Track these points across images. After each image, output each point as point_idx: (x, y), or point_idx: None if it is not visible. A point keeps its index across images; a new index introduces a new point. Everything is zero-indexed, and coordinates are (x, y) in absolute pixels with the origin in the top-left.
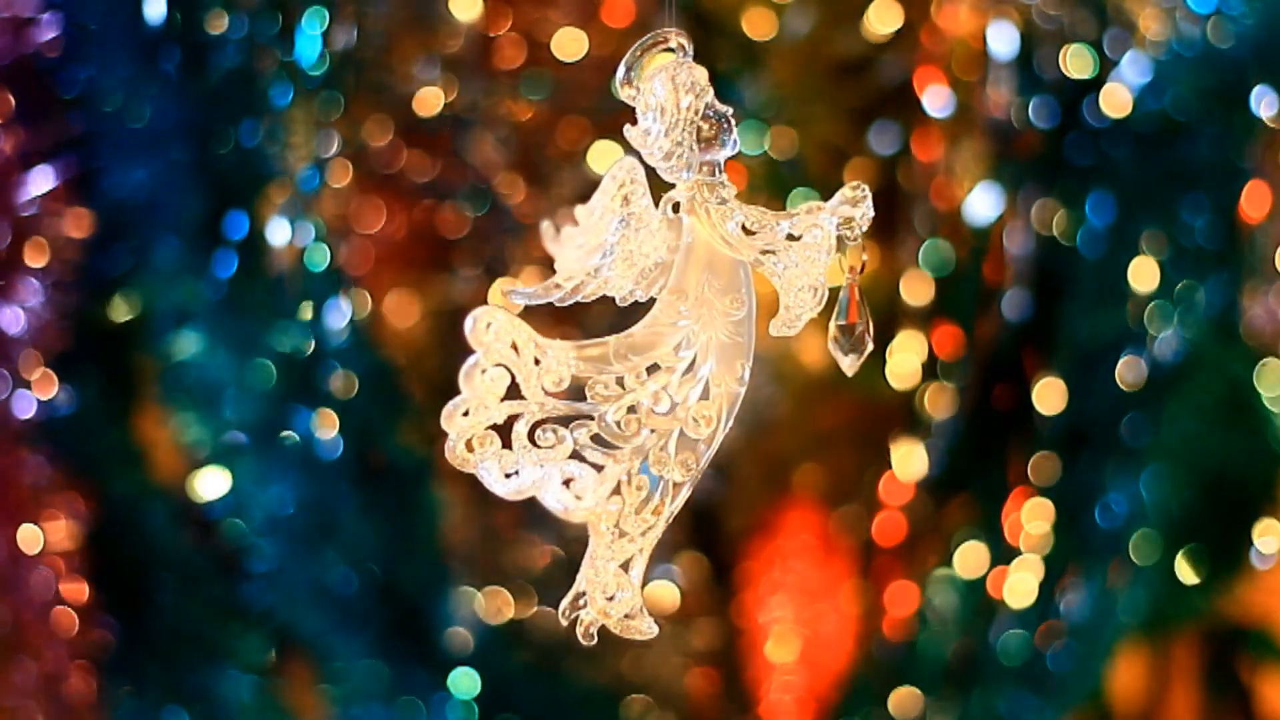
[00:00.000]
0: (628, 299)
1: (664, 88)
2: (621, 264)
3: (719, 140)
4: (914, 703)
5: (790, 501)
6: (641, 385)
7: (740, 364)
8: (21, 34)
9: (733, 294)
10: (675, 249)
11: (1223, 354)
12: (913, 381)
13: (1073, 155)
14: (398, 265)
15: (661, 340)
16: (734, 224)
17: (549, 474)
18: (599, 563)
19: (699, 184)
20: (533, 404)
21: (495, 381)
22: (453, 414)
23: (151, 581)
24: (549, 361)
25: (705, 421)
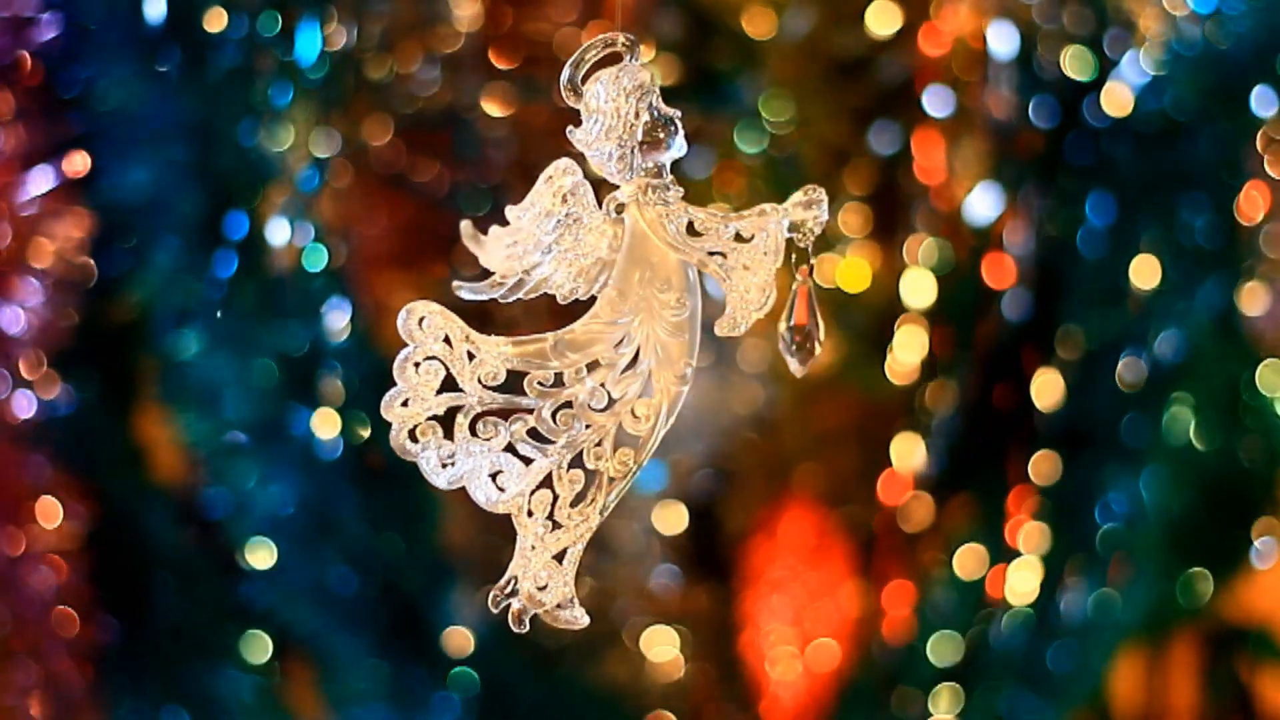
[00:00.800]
0: (569, 297)
1: (606, 91)
2: (561, 262)
3: (664, 142)
4: (914, 703)
5: (790, 501)
6: (579, 381)
7: (683, 363)
8: (21, 34)
9: (675, 293)
10: (617, 248)
11: (1223, 354)
12: (913, 380)
13: (1073, 155)
14: (398, 265)
15: (601, 337)
16: (680, 224)
17: (478, 466)
18: (528, 553)
19: (642, 185)
20: (471, 397)
21: (429, 374)
22: (391, 404)
23: (151, 581)
24: (482, 356)
25: (644, 418)
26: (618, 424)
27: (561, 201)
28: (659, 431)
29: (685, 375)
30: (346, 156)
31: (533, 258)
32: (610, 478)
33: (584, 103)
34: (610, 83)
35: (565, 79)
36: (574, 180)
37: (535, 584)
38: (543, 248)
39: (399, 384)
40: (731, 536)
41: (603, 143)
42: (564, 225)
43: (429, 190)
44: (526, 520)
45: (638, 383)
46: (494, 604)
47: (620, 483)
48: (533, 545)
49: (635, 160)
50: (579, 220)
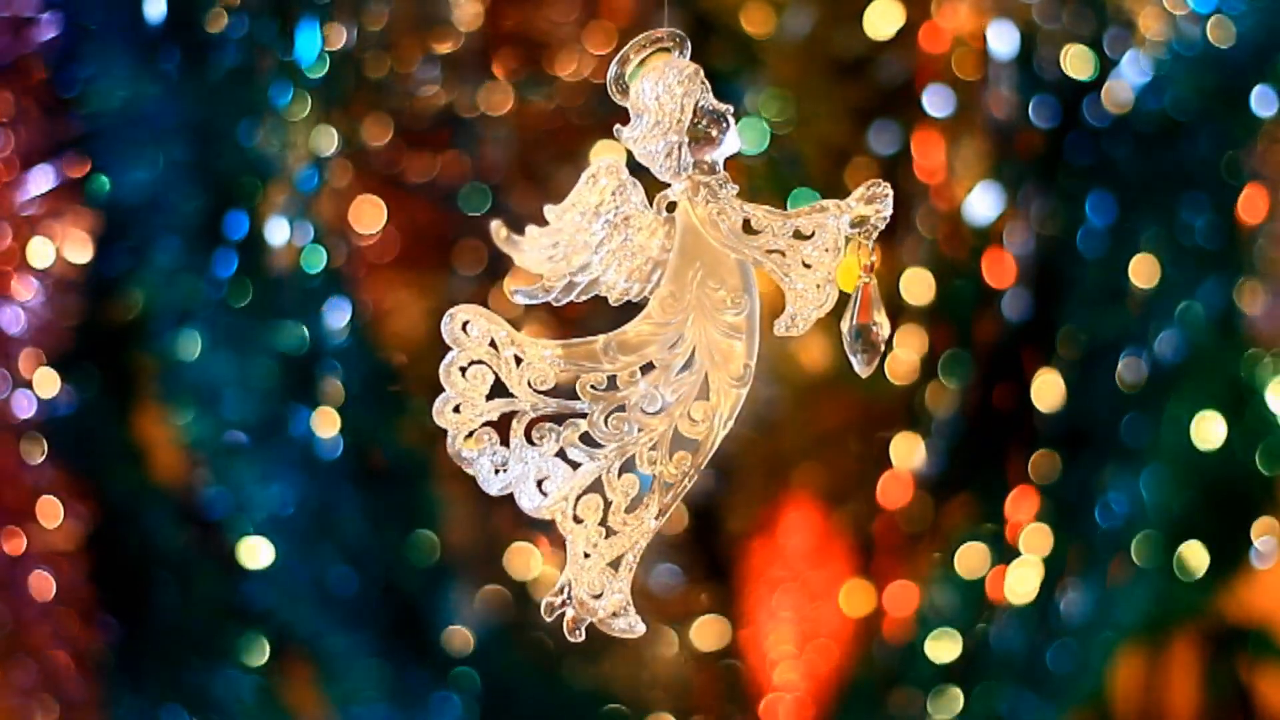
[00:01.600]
0: (621, 297)
1: (656, 87)
2: (611, 262)
3: (715, 138)
4: (914, 702)
5: (790, 501)
6: (633, 384)
7: (742, 363)
8: (21, 34)
9: (730, 293)
10: (669, 248)
11: (1223, 354)
12: (912, 380)
13: (1073, 155)
14: (398, 265)
15: (654, 339)
16: (735, 222)
17: (525, 472)
18: (580, 560)
19: (694, 182)
20: (524, 402)
21: (477, 379)
22: (443, 409)
23: (151, 581)
24: (529, 359)
25: (701, 421)
26: (672, 427)
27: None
28: (718, 434)
29: (744, 377)
30: (346, 156)
31: (580, 258)
32: (666, 482)
33: (631, 100)
34: (657, 78)
35: (612, 76)
36: (618, 180)
37: (590, 592)
38: (591, 248)
39: (446, 389)
40: (731, 536)
41: (652, 140)
42: (611, 225)
43: (429, 190)
44: (573, 526)
45: (694, 385)
46: (549, 612)
47: (677, 487)
48: (586, 553)
49: (685, 157)
50: (627, 220)
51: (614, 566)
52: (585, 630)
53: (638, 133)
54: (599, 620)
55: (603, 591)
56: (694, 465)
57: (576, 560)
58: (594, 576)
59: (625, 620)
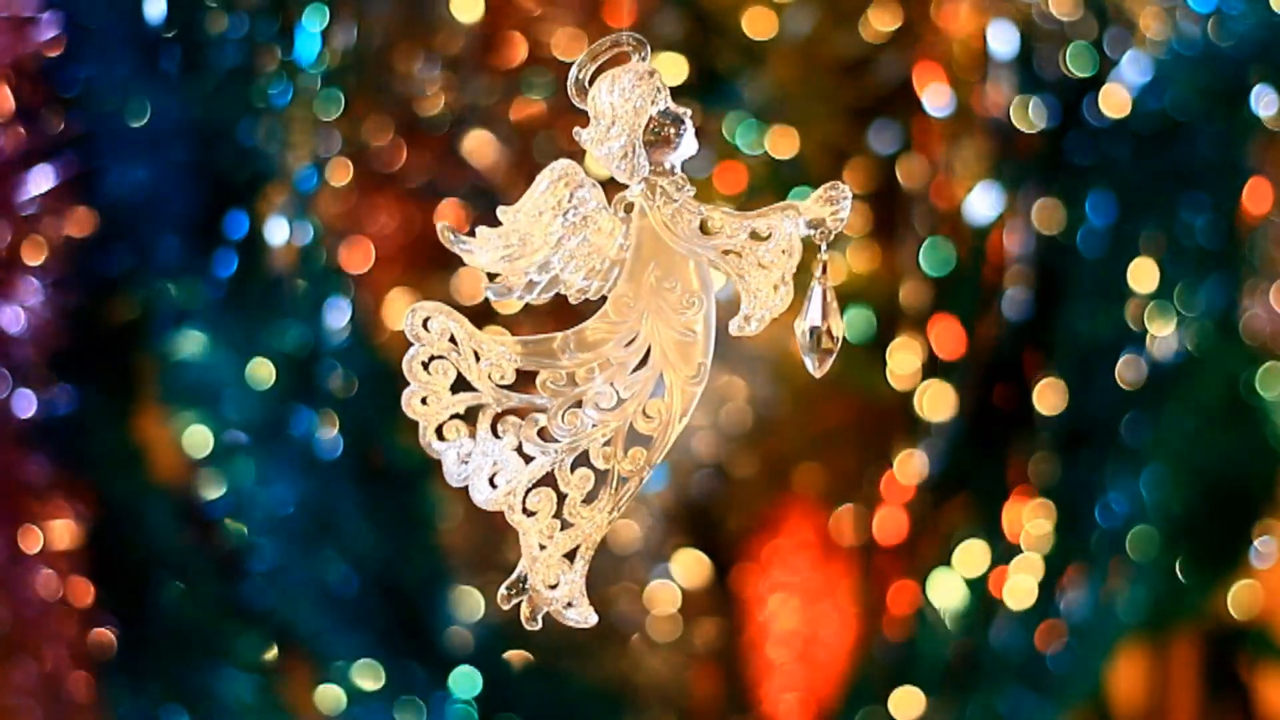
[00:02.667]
0: (580, 296)
1: (612, 90)
2: (570, 262)
3: (672, 141)
4: (914, 703)
5: (790, 501)
6: (590, 380)
7: (697, 362)
8: (21, 33)
9: (686, 293)
10: (627, 248)
11: (1223, 354)
12: (913, 381)
13: (1073, 155)
14: (398, 265)
15: (610, 337)
16: (691, 223)
17: (480, 464)
18: (536, 551)
19: (651, 184)
20: (487, 396)
21: (440, 373)
22: (409, 401)
23: (151, 581)
24: (487, 355)
25: (656, 418)
26: (627, 423)
27: (562, 203)
28: (673, 431)
29: (699, 375)
30: (346, 156)
31: (539, 258)
32: (621, 477)
33: (589, 102)
34: (615, 81)
35: (573, 79)
36: (576, 180)
37: (545, 582)
38: (549, 247)
39: (411, 383)
40: (731, 536)
41: (609, 142)
42: (570, 225)
43: (429, 189)
44: (523, 519)
45: (649, 382)
46: (503, 601)
47: (632, 482)
48: (541, 545)
49: (642, 159)
50: (585, 220)
51: (569, 558)
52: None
53: (596, 135)
54: (553, 610)
55: (558, 582)
56: (648, 461)
57: (531, 552)
58: (549, 568)
59: (578, 611)
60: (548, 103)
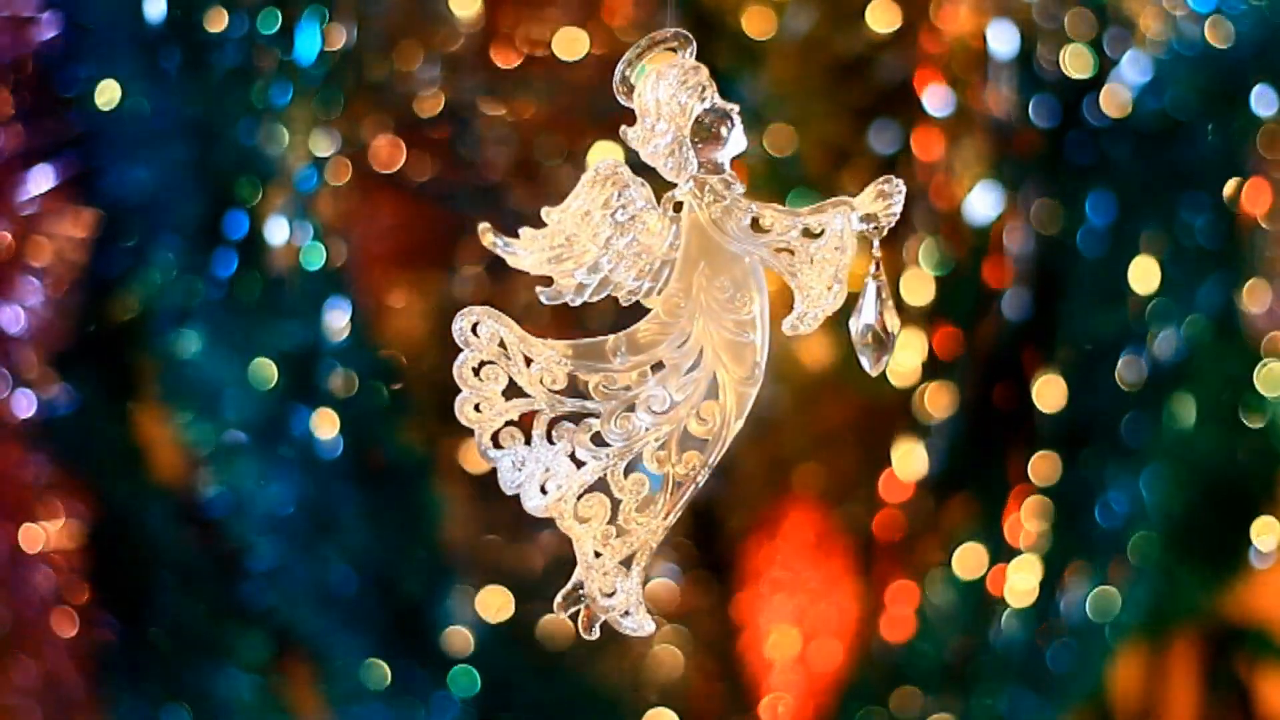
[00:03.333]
0: (631, 297)
1: (659, 86)
2: (621, 262)
3: (720, 137)
4: (914, 702)
5: (790, 500)
6: (642, 384)
7: (751, 363)
8: (21, 33)
9: (738, 291)
10: (677, 247)
11: (1223, 354)
12: (913, 381)
13: (1073, 154)
14: (398, 265)
15: (661, 338)
16: (742, 221)
17: (532, 471)
18: (591, 559)
19: (700, 182)
20: (541, 402)
21: (491, 379)
22: (462, 407)
23: (151, 581)
24: (540, 360)
25: (710, 420)
26: (681, 427)
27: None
28: (728, 433)
29: (753, 376)
30: (346, 156)
31: (588, 259)
32: (676, 482)
33: (635, 100)
34: (660, 78)
35: (618, 77)
36: (624, 180)
37: (602, 590)
38: (598, 249)
39: (463, 389)
40: (731, 536)
41: (656, 140)
42: (619, 225)
43: (429, 190)
44: (575, 526)
45: (702, 384)
46: (560, 610)
47: (687, 486)
48: (597, 552)
49: (690, 156)
50: (634, 219)
51: (625, 565)
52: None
53: (643, 133)
54: (609, 619)
55: (615, 590)
56: (703, 464)
57: (587, 559)
58: (605, 576)
59: (634, 619)
60: (548, 102)
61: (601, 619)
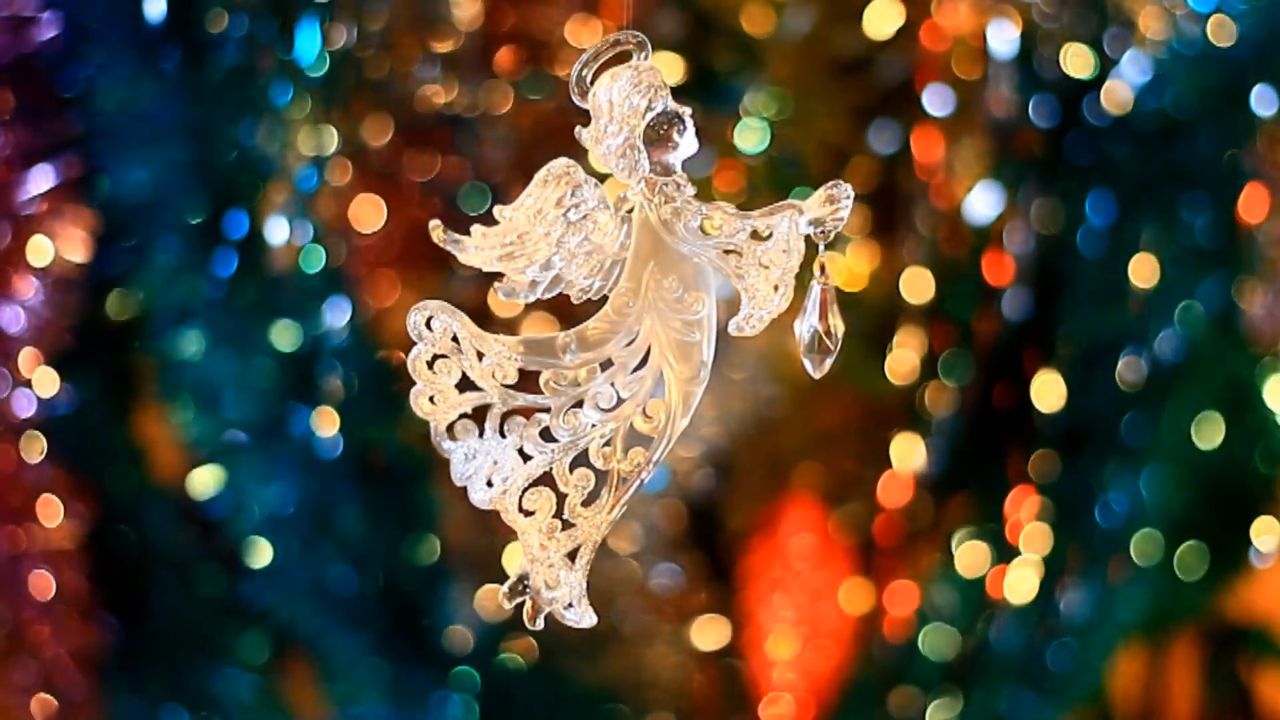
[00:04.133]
0: (582, 295)
1: (612, 89)
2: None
3: (672, 140)
4: (914, 702)
5: (790, 500)
6: (592, 380)
7: (698, 362)
8: (21, 33)
9: (686, 292)
10: (628, 247)
11: (1223, 354)
12: (913, 380)
13: (1073, 154)
14: (398, 265)
15: (610, 336)
16: (692, 222)
17: (480, 464)
18: (536, 551)
19: (651, 184)
20: (493, 395)
21: (444, 372)
22: (417, 399)
23: (151, 581)
24: (491, 355)
25: (655, 418)
26: (627, 423)
27: (562, 202)
28: (673, 431)
29: (699, 375)
30: (346, 156)
31: (541, 256)
32: (621, 478)
33: (590, 101)
34: (615, 80)
35: (574, 78)
36: (577, 179)
37: (547, 583)
38: (551, 247)
39: (417, 382)
40: (732, 536)
41: (609, 141)
42: (571, 224)
43: (429, 190)
44: (520, 519)
45: (649, 382)
46: (505, 601)
47: (633, 482)
48: (541, 545)
49: (642, 158)
50: (586, 218)
51: (570, 558)
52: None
53: (597, 134)
54: (554, 611)
55: (559, 583)
56: (648, 461)
57: (532, 552)
58: (550, 569)
59: (577, 612)
60: (548, 102)
61: (545, 610)
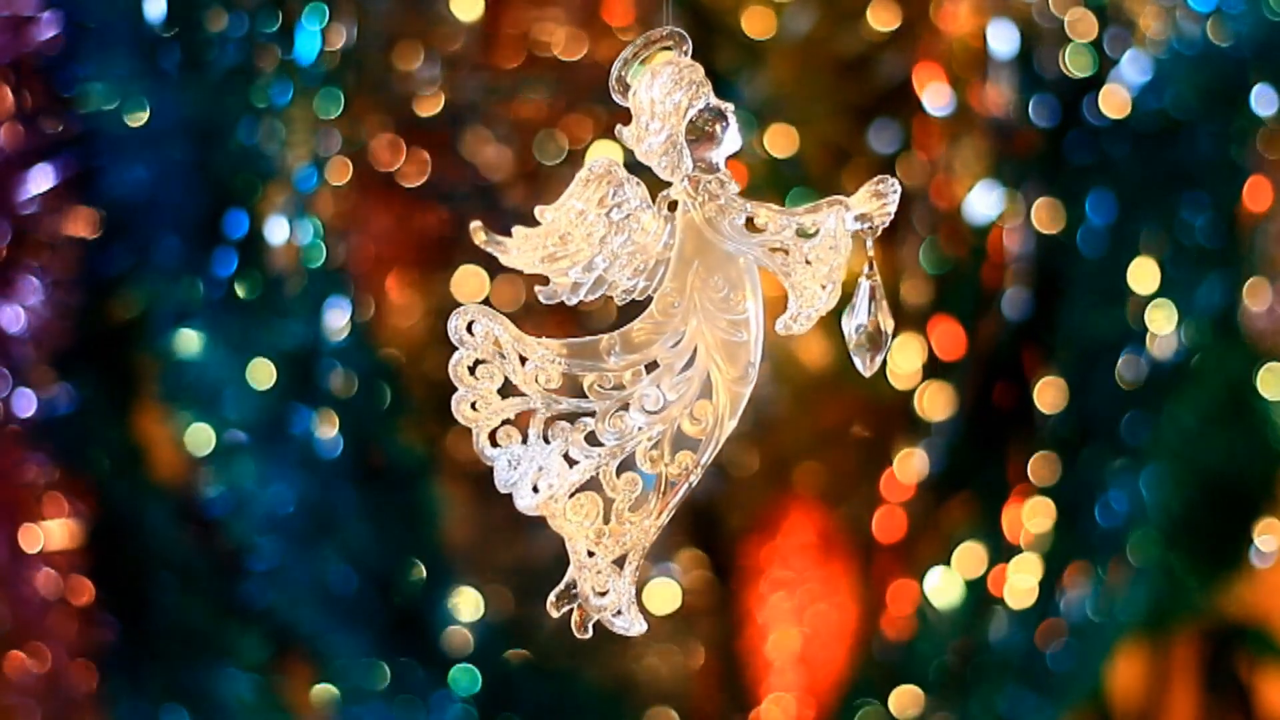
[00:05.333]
0: (626, 296)
1: (654, 86)
2: (615, 261)
3: (715, 136)
4: (914, 702)
5: (791, 500)
6: (636, 382)
7: (745, 362)
8: (21, 33)
9: (732, 291)
10: (671, 246)
11: (1223, 354)
12: (913, 380)
13: (1073, 154)
14: (398, 265)
15: (656, 337)
16: (737, 220)
17: (525, 470)
18: (584, 558)
19: (694, 181)
20: (537, 400)
21: (486, 377)
22: (459, 406)
23: (151, 581)
24: (534, 359)
25: (703, 420)
26: (674, 426)
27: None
28: (721, 433)
29: (746, 376)
30: (346, 156)
31: (583, 257)
32: (670, 481)
33: (631, 99)
34: (656, 77)
35: (614, 76)
36: (619, 178)
37: (595, 590)
38: (593, 247)
39: (459, 388)
40: (732, 536)
41: (651, 139)
42: (614, 224)
43: (428, 189)
44: (566, 524)
45: (696, 384)
46: (553, 609)
47: (680, 486)
48: (590, 552)
49: (684, 155)
50: (629, 218)
51: (617, 565)
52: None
53: (638, 131)
54: (602, 618)
55: (607, 590)
56: (696, 464)
57: (579, 559)
58: (598, 575)
59: (626, 619)
60: (548, 102)
61: (594, 618)
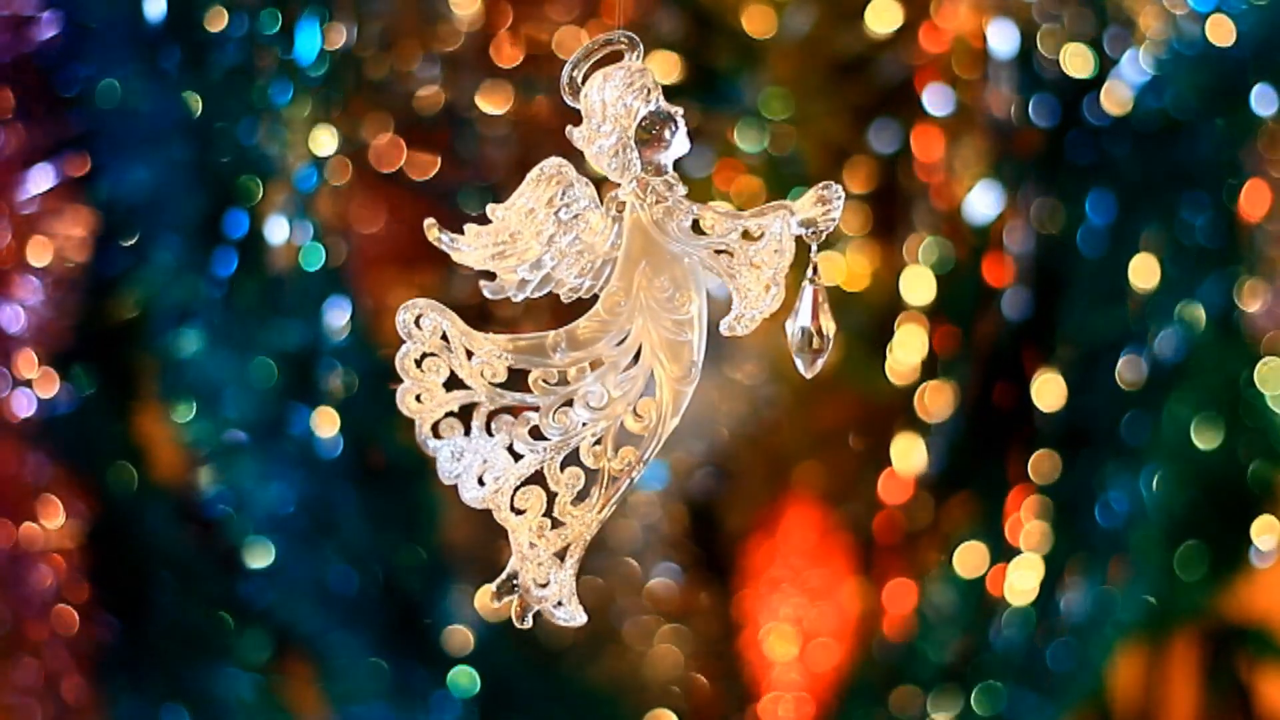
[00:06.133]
0: (572, 295)
1: (606, 88)
2: (563, 260)
3: (664, 140)
4: (914, 702)
5: (790, 499)
6: (581, 379)
7: (688, 361)
8: (21, 32)
9: (678, 291)
10: (619, 246)
11: (1223, 354)
12: (913, 380)
13: (1073, 154)
14: (398, 265)
15: (601, 335)
16: (683, 222)
17: (471, 462)
18: (526, 549)
19: (642, 183)
20: (481, 394)
21: (432, 370)
22: (404, 398)
23: (151, 581)
24: (481, 354)
25: (646, 417)
26: (617, 422)
27: (553, 201)
28: (663, 430)
29: (690, 375)
30: (346, 156)
31: (531, 255)
32: (611, 476)
33: (582, 101)
34: (607, 80)
35: (565, 78)
36: (568, 178)
37: (536, 581)
38: (542, 246)
39: (405, 380)
40: (731, 536)
41: (602, 140)
42: (562, 223)
43: (428, 189)
44: (512, 517)
45: (640, 381)
46: (494, 599)
47: (623, 481)
48: (532, 543)
49: (633, 157)
50: (578, 218)
51: (559, 557)
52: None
53: (589, 133)
54: (543, 609)
55: (548, 581)
56: (638, 460)
57: (521, 550)
58: (539, 566)
59: (567, 610)
60: (547, 102)
61: (535, 609)
